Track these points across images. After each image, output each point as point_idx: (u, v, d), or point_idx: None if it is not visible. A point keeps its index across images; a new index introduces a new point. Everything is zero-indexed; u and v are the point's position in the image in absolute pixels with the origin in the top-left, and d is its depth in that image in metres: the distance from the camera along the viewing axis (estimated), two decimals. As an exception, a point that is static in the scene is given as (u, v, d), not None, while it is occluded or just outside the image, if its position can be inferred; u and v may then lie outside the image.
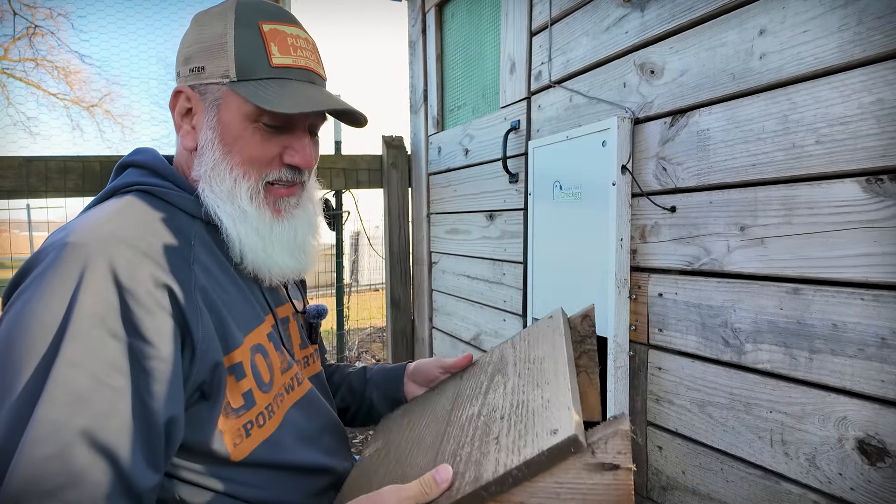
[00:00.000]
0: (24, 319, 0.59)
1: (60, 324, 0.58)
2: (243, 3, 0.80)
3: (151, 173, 0.79)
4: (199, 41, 0.79)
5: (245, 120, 0.77)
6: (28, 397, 0.56)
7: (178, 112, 0.80)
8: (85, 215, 0.71)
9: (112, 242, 0.64)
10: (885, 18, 0.86)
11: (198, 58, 0.78)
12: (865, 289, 0.90)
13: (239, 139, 0.77)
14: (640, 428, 1.36)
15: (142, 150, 0.83)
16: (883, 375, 0.88)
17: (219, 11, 0.80)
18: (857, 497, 0.92)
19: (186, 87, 0.79)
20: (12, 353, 0.58)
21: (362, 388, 1.08)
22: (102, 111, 15.22)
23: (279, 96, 0.75)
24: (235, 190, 0.77)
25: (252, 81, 0.76)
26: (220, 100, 0.78)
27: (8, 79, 12.89)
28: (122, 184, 0.77)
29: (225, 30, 0.77)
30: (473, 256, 2.26)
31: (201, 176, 0.78)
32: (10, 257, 10.60)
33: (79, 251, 0.62)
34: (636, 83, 1.35)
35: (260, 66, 0.77)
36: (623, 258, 1.35)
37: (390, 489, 0.63)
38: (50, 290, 0.60)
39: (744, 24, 1.08)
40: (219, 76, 0.77)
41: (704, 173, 1.17)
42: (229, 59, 0.76)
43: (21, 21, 12.54)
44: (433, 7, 2.56)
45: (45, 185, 2.33)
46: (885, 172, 0.87)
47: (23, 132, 10.33)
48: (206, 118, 0.78)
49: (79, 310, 0.59)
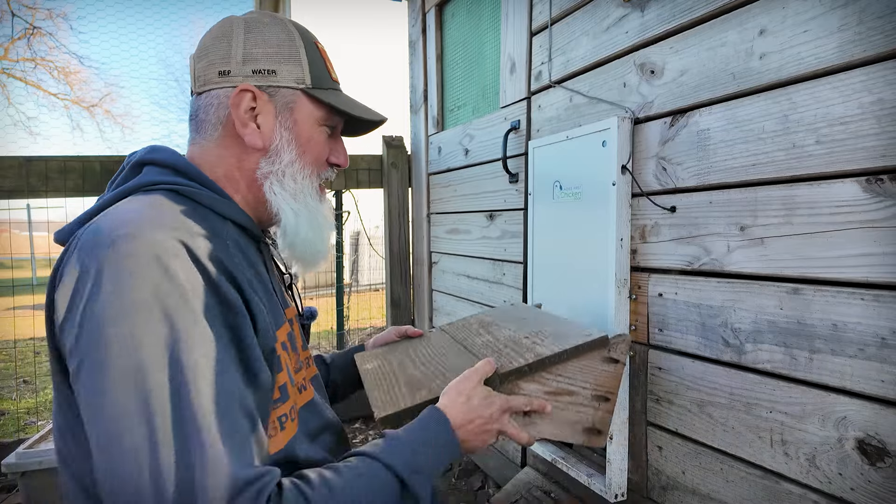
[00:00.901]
0: (121, 327, 0.58)
1: (167, 324, 0.59)
2: (285, 18, 0.85)
3: (174, 172, 0.78)
4: (265, 45, 0.81)
5: (315, 123, 0.85)
6: (179, 418, 0.56)
7: (242, 110, 0.79)
8: (115, 212, 0.67)
9: (170, 230, 0.64)
10: (886, 18, 0.86)
11: (266, 61, 0.80)
12: (865, 289, 0.90)
13: (310, 140, 0.85)
14: (640, 428, 1.36)
15: (159, 148, 0.81)
16: (883, 375, 0.88)
17: (271, 19, 0.83)
18: (857, 497, 0.92)
19: (252, 86, 0.79)
20: (126, 365, 0.57)
21: (326, 373, 1.16)
22: (102, 111, 15.22)
23: (349, 105, 0.87)
24: (305, 188, 0.84)
25: (322, 90, 0.85)
26: (294, 103, 0.83)
27: (8, 79, 12.89)
28: (144, 182, 0.75)
29: (293, 40, 0.82)
30: (473, 256, 2.26)
31: (270, 174, 0.82)
32: (10, 257, 10.60)
33: (140, 243, 0.61)
34: (636, 83, 1.35)
35: (325, 78, 0.86)
36: (623, 258, 1.35)
37: (464, 374, 0.88)
38: (133, 289, 0.59)
39: (744, 24, 1.08)
40: (292, 81, 0.82)
41: (704, 173, 1.17)
42: (303, 67, 0.82)
43: (20, 22, 12.55)
44: (433, 7, 2.56)
45: (45, 185, 2.33)
46: (886, 172, 0.87)
47: (23, 132, 10.35)
48: (281, 119, 0.82)
49: (179, 297, 0.61)
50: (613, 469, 1.37)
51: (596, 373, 1.01)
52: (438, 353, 1.09)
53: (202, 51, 0.82)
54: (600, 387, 1.02)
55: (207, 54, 0.81)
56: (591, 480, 1.42)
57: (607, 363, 1.01)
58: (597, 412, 1.02)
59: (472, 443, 0.83)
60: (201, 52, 0.82)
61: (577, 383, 1.00)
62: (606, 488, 1.37)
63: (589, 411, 1.01)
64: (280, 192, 0.82)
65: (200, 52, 0.82)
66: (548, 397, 0.97)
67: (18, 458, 1.80)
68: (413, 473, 0.71)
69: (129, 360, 0.57)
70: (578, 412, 1.00)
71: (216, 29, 0.83)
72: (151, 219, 0.66)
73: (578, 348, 0.98)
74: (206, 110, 0.81)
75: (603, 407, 1.02)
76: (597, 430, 1.02)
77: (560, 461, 1.53)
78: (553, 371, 0.97)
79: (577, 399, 1.00)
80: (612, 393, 1.02)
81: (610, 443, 1.38)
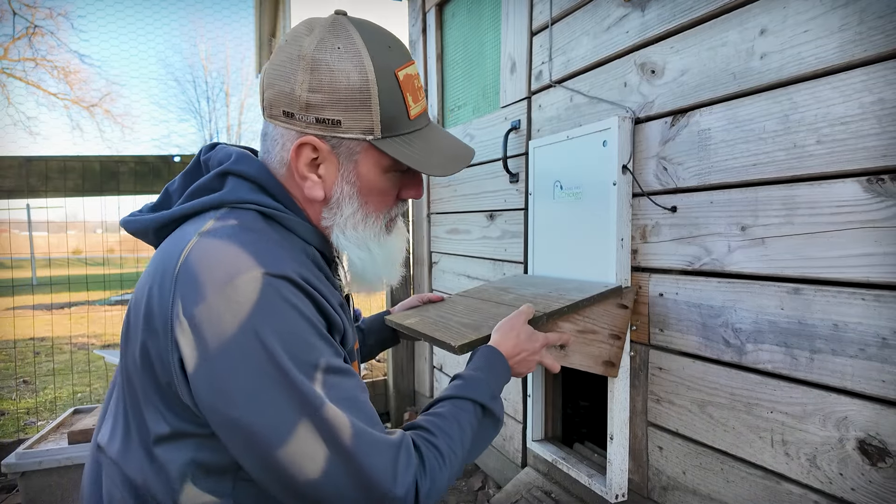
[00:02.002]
0: (277, 353, 0.64)
1: (314, 354, 0.67)
2: (368, 37, 0.75)
3: (260, 189, 0.78)
4: (332, 90, 0.73)
5: (382, 172, 0.80)
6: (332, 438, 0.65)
7: (301, 162, 0.77)
8: (219, 242, 0.70)
9: (289, 269, 0.69)
10: (886, 18, 0.86)
11: (331, 109, 0.74)
12: (866, 289, 0.90)
13: (374, 190, 0.81)
14: (640, 428, 1.36)
15: (244, 157, 0.79)
16: (884, 375, 0.88)
17: (341, 53, 0.73)
18: (857, 497, 0.92)
19: (314, 138, 0.75)
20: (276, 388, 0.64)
21: (362, 339, 1.25)
22: (102, 111, 15.17)
23: (426, 154, 0.80)
24: (369, 234, 0.83)
25: (395, 138, 0.78)
26: (358, 154, 0.78)
27: (8, 78, 12.87)
28: (233, 199, 0.76)
29: (365, 80, 0.73)
30: (474, 256, 2.25)
31: (334, 224, 0.82)
32: (10, 257, 10.60)
33: (260, 281, 0.66)
34: (637, 83, 1.35)
35: (401, 120, 0.78)
36: (624, 258, 1.35)
37: (512, 315, 1.05)
38: (277, 325, 0.65)
39: (744, 24, 1.08)
40: (360, 132, 0.76)
41: (705, 173, 1.17)
42: (374, 116, 0.75)
43: (21, 21, 12.53)
44: (433, 7, 2.56)
45: (45, 185, 2.33)
46: (886, 172, 0.87)
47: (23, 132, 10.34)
48: (343, 172, 0.78)
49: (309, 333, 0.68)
50: (614, 469, 1.37)
51: (612, 315, 1.28)
52: (476, 307, 1.27)
53: (271, 76, 0.77)
54: (615, 327, 1.29)
55: (274, 84, 0.76)
56: (591, 481, 1.42)
57: (620, 308, 1.30)
58: (612, 348, 1.29)
59: (518, 369, 1.00)
60: (271, 79, 0.77)
61: (598, 323, 1.27)
62: (607, 489, 1.37)
63: (606, 347, 1.29)
64: (343, 241, 0.82)
65: (270, 78, 0.77)
66: (577, 335, 1.23)
67: (18, 458, 1.80)
68: (491, 400, 0.86)
69: (287, 395, 0.65)
70: (599, 347, 1.28)
71: (284, 52, 0.76)
72: (259, 253, 0.69)
73: (602, 294, 1.26)
74: (273, 143, 0.79)
75: (616, 344, 1.30)
76: (612, 362, 1.30)
77: (560, 461, 1.53)
78: (582, 313, 1.23)
79: (599, 336, 1.27)
80: (623, 332, 1.31)
81: (610, 443, 1.38)
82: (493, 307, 1.26)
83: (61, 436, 2.01)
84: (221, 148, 0.83)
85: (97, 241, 10.49)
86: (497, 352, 0.96)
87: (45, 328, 5.98)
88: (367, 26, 0.78)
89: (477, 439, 0.83)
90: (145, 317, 0.69)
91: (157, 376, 0.69)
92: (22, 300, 7.93)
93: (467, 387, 0.86)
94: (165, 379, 0.68)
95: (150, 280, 0.71)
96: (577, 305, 1.20)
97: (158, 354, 0.68)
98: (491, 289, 1.48)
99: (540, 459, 1.74)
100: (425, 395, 2.90)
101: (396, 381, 2.99)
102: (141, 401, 0.71)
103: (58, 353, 5.07)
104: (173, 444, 0.70)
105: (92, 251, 10.68)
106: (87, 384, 4.06)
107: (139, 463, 0.71)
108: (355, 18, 0.78)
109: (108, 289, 8.94)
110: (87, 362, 4.60)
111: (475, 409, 0.84)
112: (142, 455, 0.71)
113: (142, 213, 0.84)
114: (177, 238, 0.74)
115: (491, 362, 0.93)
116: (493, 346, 0.97)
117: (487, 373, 0.90)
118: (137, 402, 0.72)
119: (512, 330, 1.01)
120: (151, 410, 0.70)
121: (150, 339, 0.68)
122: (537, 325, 1.10)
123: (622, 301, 1.29)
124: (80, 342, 5.60)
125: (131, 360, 0.72)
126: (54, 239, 9.24)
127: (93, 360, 4.56)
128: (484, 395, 0.85)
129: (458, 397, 0.84)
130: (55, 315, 7.19)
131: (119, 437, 0.74)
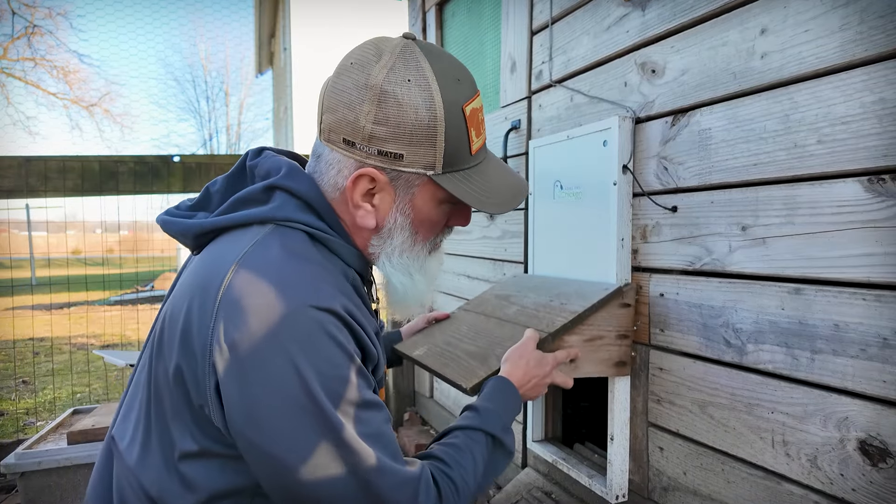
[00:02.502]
0: (317, 382, 0.65)
1: (351, 381, 0.68)
2: (438, 69, 0.74)
3: (308, 208, 0.77)
4: (399, 124, 0.72)
5: (436, 204, 0.80)
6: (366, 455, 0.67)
7: (358, 193, 0.76)
8: (276, 262, 0.70)
9: (335, 302, 0.70)
10: (887, 18, 0.86)
11: (395, 143, 0.72)
12: (867, 289, 0.90)
13: (426, 221, 0.81)
14: (641, 429, 1.36)
15: (294, 172, 0.78)
16: (885, 376, 0.88)
17: (411, 87, 0.71)
18: (858, 498, 0.92)
19: (374, 170, 0.74)
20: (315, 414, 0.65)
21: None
22: (102, 111, 15.17)
23: (484, 191, 0.79)
24: (412, 262, 0.84)
25: (455, 173, 0.77)
26: (416, 187, 0.77)
27: (7, 78, 12.85)
28: (282, 217, 0.75)
29: (434, 119, 0.72)
30: (474, 256, 2.25)
31: (381, 252, 0.82)
32: (10, 257, 10.58)
33: (312, 315, 0.67)
34: (637, 82, 1.34)
35: (462, 156, 0.77)
36: (624, 258, 1.34)
37: (521, 342, 1.07)
38: (317, 359, 0.66)
39: (745, 24, 1.07)
40: (421, 166, 0.75)
41: (706, 173, 1.17)
42: (437, 152, 0.74)
43: (20, 20, 12.51)
44: (434, 6, 2.55)
45: (45, 185, 2.33)
46: (887, 172, 0.87)
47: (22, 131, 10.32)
48: (399, 203, 0.78)
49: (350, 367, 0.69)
50: (614, 470, 1.37)
51: (617, 316, 1.29)
52: (480, 328, 1.30)
53: (333, 100, 0.74)
54: (621, 327, 1.30)
55: (335, 110, 0.74)
56: (591, 481, 1.41)
57: (623, 307, 1.30)
58: (620, 348, 1.31)
59: (529, 395, 1.02)
60: (332, 103, 0.74)
61: (604, 328, 1.27)
62: (607, 489, 1.37)
63: (615, 349, 1.30)
64: (389, 268, 0.83)
65: (332, 102, 0.75)
66: (585, 344, 1.23)
67: (18, 458, 1.80)
68: (503, 432, 0.88)
69: (319, 419, 0.65)
70: (609, 350, 1.29)
71: (350, 77, 0.73)
72: (305, 284, 0.69)
73: (603, 300, 1.25)
74: (328, 167, 0.77)
75: (624, 343, 1.31)
76: (622, 362, 1.32)
77: (561, 462, 1.52)
78: (587, 322, 1.23)
79: (606, 340, 1.28)
80: (629, 330, 1.32)
81: (611, 443, 1.37)
82: (497, 326, 1.28)
83: (60, 436, 2.01)
84: (270, 156, 0.81)
85: (96, 241, 10.49)
86: (508, 382, 0.97)
87: (45, 328, 5.98)
88: (436, 55, 0.75)
89: (488, 471, 0.84)
90: (182, 335, 0.68)
91: (190, 398, 0.69)
92: (21, 300, 7.93)
93: (480, 418, 0.87)
94: (199, 402, 0.68)
95: (191, 295, 0.69)
96: (580, 318, 1.20)
97: (194, 377, 0.67)
98: (492, 299, 1.48)
99: (540, 460, 1.74)
100: (425, 395, 2.90)
101: (396, 382, 2.99)
102: (168, 415, 0.71)
103: (57, 354, 5.07)
104: (199, 462, 0.70)
105: (91, 251, 10.67)
106: (86, 384, 4.05)
107: (157, 475, 0.71)
108: (424, 44, 0.76)
109: (107, 289, 8.94)
110: (87, 362, 4.60)
111: (487, 440, 0.85)
112: (161, 467, 0.71)
113: (179, 211, 0.83)
114: (221, 254, 0.72)
115: (503, 394, 0.95)
116: (504, 378, 0.99)
117: (499, 404, 0.92)
118: (164, 415, 0.71)
119: (521, 358, 1.03)
120: (180, 427, 0.70)
121: (185, 361, 0.68)
122: (544, 346, 1.12)
123: (624, 300, 1.30)
124: (79, 342, 5.60)
125: (163, 375, 0.71)
126: (53, 239, 9.23)
127: (92, 361, 4.56)
128: (496, 427, 0.87)
129: (472, 428, 0.86)
130: (54, 315, 7.19)
131: (138, 445, 0.74)
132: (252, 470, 0.68)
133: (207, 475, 0.70)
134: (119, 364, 2.24)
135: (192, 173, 2.66)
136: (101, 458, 0.81)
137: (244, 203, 0.77)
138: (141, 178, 2.55)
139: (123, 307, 7.50)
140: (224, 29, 29.28)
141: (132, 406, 0.79)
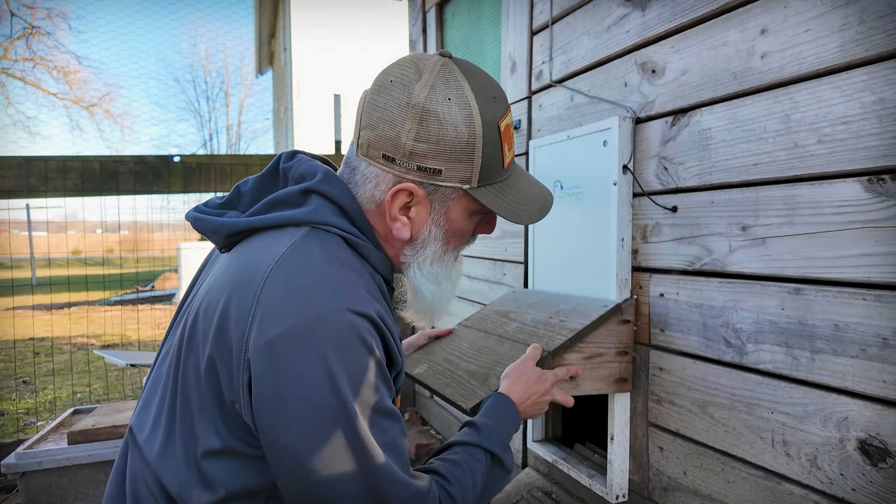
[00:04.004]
0: (343, 384, 0.66)
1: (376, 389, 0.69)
2: (476, 88, 0.76)
3: (342, 213, 0.79)
4: (439, 141, 0.74)
5: (469, 216, 0.83)
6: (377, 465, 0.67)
7: (396, 207, 0.78)
8: (315, 264, 0.71)
9: (371, 308, 0.70)
10: (887, 18, 0.86)
11: (435, 159, 0.75)
12: (867, 289, 0.90)
13: (458, 231, 0.84)
14: (641, 429, 1.36)
15: (330, 177, 0.79)
16: (885, 376, 0.88)
17: (456, 102, 0.74)
18: (858, 498, 0.92)
19: (413, 185, 0.76)
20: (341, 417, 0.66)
21: None
22: (102, 111, 15.17)
23: (516, 203, 0.82)
24: (440, 271, 0.85)
25: (489, 186, 0.80)
26: (452, 200, 0.80)
27: (7, 78, 12.86)
28: (318, 220, 0.76)
29: (473, 137, 0.75)
30: (474, 256, 2.25)
31: (413, 261, 0.84)
32: (10, 257, 10.59)
33: (349, 319, 0.67)
34: (637, 82, 1.34)
35: (495, 170, 0.80)
36: (624, 258, 1.34)
37: (520, 360, 1.08)
38: (349, 363, 0.67)
39: (745, 24, 1.07)
40: (458, 181, 0.77)
41: (706, 173, 1.17)
42: (474, 167, 0.77)
43: (19, 21, 12.52)
44: (434, 6, 2.55)
45: (45, 185, 2.33)
46: (887, 172, 0.87)
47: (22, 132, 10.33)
48: (434, 215, 0.81)
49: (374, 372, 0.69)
50: (614, 470, 1.37)
51: (616, 333, 1.29)
52: (480, 346, 1.30)
53: (374, 117, 0.76)
54: (620, 343, 1.30)
55: (375, 126, 0.75)
56: (591, 481, 1.42)
57: (622, 324, 1.30)
58: (621, 364, 1.31)
59: (529, 413, 1.02)
60: (373, 119, 0.76)
61: (603, 345, 1.27)
62: (607, 489, 1.37)
63: (615, 365, 1.30)
64: (419, 277, 0.84)
65: (372, 118, 0.76)
66: (584, 362, 1.24)
67: (18, 458, 1.80)
68: (502, 450, 0.88)
69: (338, 427, 0.66)
70: (609, 368, 1.29)
71: (391, 96, 0.75)
72: (343, 288, 0.70)
73: (602, 318, 1.25)
74: (365, 180, 0.79)
75: (624, 359, 1.32)
76: (623, 378, 1.32)
77: (561, 462, 1.52)
78: (586, 340, 1.23)
79: (606, 357, 1.28)
80: (629, 347, 1.32)
81: (611, 443, 1.37)
82: (496, 343, 1.29)
83: (61, 436, 2.01)
84: (304, 160, 0.83)
85: (97, 241, 10.49)
86: (508, 400, 0.98)
87: (45, 328, 5.98)
88: (474, 73, 0.78)
89: (486, 488, 0.86)
90: (217, 330, 0.69)
91: (221, 393, 0.69)
92: (21, 300, 7.93)
93: (480, 435, 0.88)
94: (230, 398, 0.68)
95: (229, 291, 0.70)
96: (579, 336, 1.21)
97: (228, 372, 0.68)
98: (493, 315, 1.49)
99: (540, 460, 1.74)
100: (425, 395, 2.90)
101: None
102: (195, 411, 0.71)
103: (57, 354, 5.07)
104: (221, 461, 0.70)
105: (91, 251, 10.67)
106: (86, 384, 4.05)
107: (177, 472, 0.71)
108: (462, 63, 0.79)
109: (107, 289, 8.94)
110: (87, 362, 4.60)
111: (486, 457, 0.86)
112: (182, 464, 0.71)
113: (209, 208, 0.83)
114: (259, 253, 0.73)
115: (503, 411, 0.96)
116: (504, 395, 0.99)
117: (498, 421, 0.92)
118: (189, 411, 0.71)
119: (521, 375, 1.04)
120: (205, 423, 0.70)
121: (219, 354, 0.68)
122: (544, 364, 1.13)
123: (623, 317, 1.30)
124: (79, 342, 5.60)
125: (192, 369, 0.71)
126: (54, 239, 9.24)
127: (92, 361, 4.56)
128: (496, 444, 0.88)
129: (472, 444, 0.87)
130: (55, 315, 7.19)
131: (159, 442, 0.74)
132: (272, 468, 0.68)
133: (228, 474, 0.70)
134: (119, 364, 2.24)
135: (192, 173, 2.66)
136: (120, 451, 0.81)
137: (280, 204, 0.79)
138: (141, 178, 2.55)
139: (124, 307, 7.51)
140: (224, 29, 29.32)
141: (151, 399, 0.79)
